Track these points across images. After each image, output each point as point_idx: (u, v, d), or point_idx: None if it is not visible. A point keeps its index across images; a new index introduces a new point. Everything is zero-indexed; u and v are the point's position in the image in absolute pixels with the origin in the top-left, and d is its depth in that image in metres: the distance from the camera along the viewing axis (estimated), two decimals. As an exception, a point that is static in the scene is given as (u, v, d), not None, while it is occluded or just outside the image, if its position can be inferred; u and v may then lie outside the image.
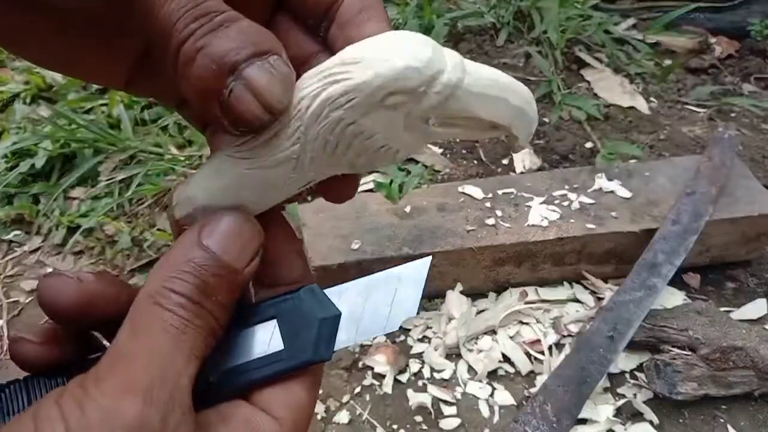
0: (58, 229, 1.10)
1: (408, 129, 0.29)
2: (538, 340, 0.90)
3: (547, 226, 0.93)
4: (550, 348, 0.89)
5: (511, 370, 0.88)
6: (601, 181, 1.00)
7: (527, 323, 0.92)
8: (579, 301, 0.95)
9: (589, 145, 1.21)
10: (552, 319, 0.92)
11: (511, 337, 0.91)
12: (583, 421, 0.81)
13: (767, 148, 1.21)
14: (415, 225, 0.94)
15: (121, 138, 1.19)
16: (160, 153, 1.18)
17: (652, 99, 1.33)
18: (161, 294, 0.26)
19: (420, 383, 0.87)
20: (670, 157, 1.16)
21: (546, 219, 0.94)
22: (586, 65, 1.38)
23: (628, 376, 0.87)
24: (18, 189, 1.16)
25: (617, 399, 0.84)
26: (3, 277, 1.06)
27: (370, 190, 1.08)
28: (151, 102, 1.27)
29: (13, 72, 1.43)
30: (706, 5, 1.46)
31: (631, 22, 1.51)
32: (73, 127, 1.20)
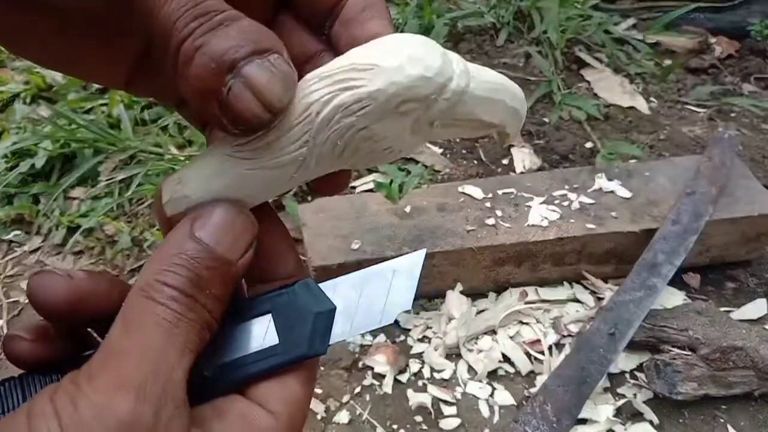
0: (58, 229, 1.10)
1: (414, 132, 0.30)
2: (538, 340, 0.90)
3: (547, 226, 0.93)
4: (550, 348, 0.89)
5: (511, 370, 0.88)
6: (601, 181, 1.00)
7: (527, 323, 0.92)
8: (579, 301, 0.95)
9: (589, 145, 1.21)
10: (552, 319, 0.92)
11: (511, 337, 0.91)
12: (583, 421, 0.81)
13: (767, 148, 1.21)
14: (415, 225, 0.94)
15: (121, 138, 1.19)
16: (160, 153, 1.18)
17: (652, 99, 1.33)
18: (153, 287, 0.26)
19: (420, 383, 0.87)
20: (670, 157, 1.16)
21: (546, 219, 0.94)
22: (586, 65, 1.38)
23: (628, 376, 0.87)
24: (18, 189, 1.16)
25: (617, 399, 0.84)
26: (3, 277, 1.06)
27: (370, 190, 1.08)
28: (151, 102, 1.27)
29: (13, 72, 1.43)
30: (706, 5, 1.46)
31: (631, 22, 1.51)
32: (73, 127, 1.20)
